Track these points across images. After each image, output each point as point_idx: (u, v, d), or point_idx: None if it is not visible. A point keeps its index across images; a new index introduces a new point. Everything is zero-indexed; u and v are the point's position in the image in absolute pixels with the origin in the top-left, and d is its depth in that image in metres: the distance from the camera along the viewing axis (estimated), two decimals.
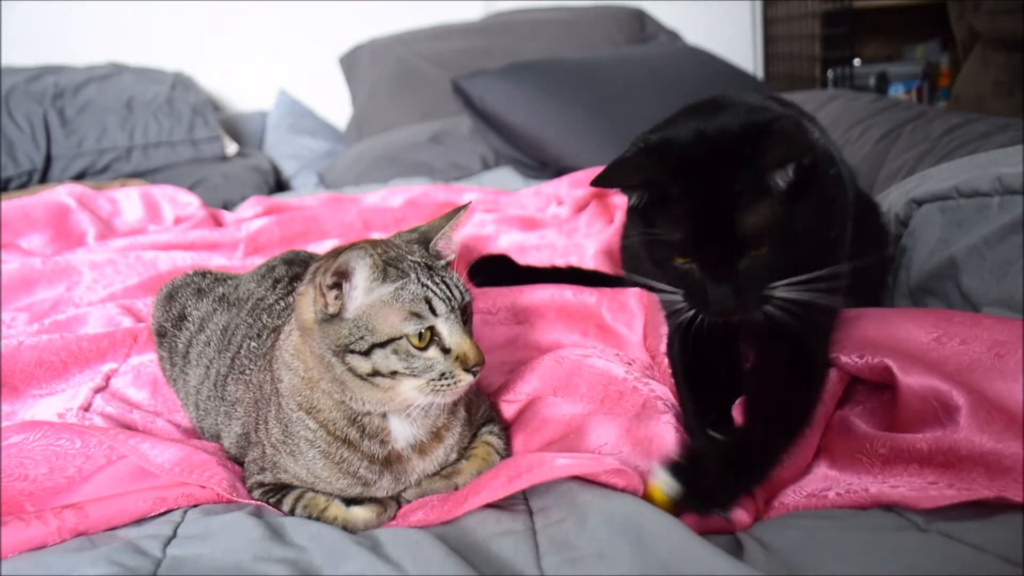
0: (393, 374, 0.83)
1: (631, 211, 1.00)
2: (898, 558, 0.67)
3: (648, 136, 0.98)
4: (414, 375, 0.83)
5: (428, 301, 0.83)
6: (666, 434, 0.94)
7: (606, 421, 0.98)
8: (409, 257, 0.86)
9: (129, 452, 0.94)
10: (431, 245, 0.90)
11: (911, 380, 0.86)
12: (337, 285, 0.82)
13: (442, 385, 0.84)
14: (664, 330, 1.10)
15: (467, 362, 0.84)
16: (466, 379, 0.85)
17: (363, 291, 0.83)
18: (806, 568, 0.68)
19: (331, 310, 0.83)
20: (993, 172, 1.10)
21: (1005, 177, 1.08)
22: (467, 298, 0.88)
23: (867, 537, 0.71)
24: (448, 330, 0.84)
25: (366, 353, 0.82)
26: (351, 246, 0.81)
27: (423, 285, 0.84)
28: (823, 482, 0.86)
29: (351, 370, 0.83)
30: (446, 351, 0.84)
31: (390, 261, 0.84)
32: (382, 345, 0.82)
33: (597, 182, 0.94)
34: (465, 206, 0.94)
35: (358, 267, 0.81)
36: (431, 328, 0.83)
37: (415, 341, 0.83)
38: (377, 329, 0.82)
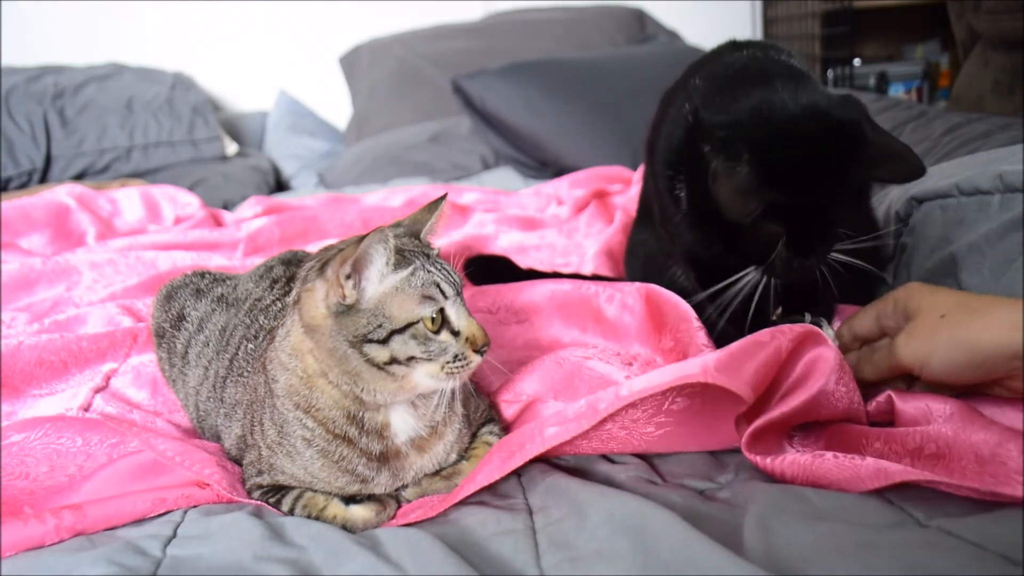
0: (410, 360, 0.84)
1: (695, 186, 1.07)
2: (898, 555, 0.67)
3: (746, 106, 1.02)
4: (430, 359, 0.84)
5: (437, 284, 0.85)
6: None
7: None
8: (407, 246, 0.87)
9: (135, 436, 0.95)
10: (421, 235, 0.92)
11: (908, 407, 0.89)
12: (352, 275, 0.83)
13: (456, 367, 0.86)
14: (686, 324, 1.10)
15: (476, 343, 0.86)
16: (476, 360, 0.87)
17: (377, 280, 0.83)
18: (806, 564, 0.67)
19: (349, 300, 0.83)
20: (994, 170, 1.10)
21: (1006, 175, 1.08)
22: (461, 283, 0.90)
23: (867, 533, 0.71)
24: (456, 312, 0.87)
25: (384, 341, 0.83)
26: (366, 234, 0.82)
27: (428, 271, 0.86)
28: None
29: (369, 360, 0.83)
30: (455, 333, 0.86)
31: (399, 248, 0.86)
32: (400, 331, 0.83)
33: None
34: (443, 197, 0.96)
35: (376, 254, 0.82)
36: (441, 311, 0.85)
37: (430, 325, 0.84)
38: (394, 316, 0.83)
